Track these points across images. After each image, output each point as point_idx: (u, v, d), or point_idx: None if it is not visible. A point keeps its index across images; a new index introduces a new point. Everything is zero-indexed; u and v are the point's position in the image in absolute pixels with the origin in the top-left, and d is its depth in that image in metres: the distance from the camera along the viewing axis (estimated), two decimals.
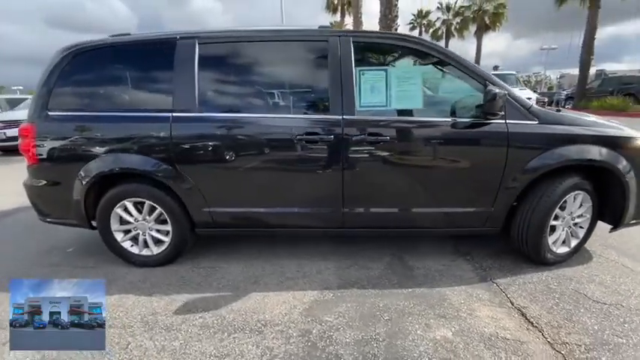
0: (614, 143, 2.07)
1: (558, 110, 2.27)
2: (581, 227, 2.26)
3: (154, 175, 2.15)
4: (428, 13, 39.16)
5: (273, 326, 1.76)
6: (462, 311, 1.85)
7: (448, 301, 1.93)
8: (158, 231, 2.34)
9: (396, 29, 8.65)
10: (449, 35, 33.48)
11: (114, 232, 2.32)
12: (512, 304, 1.90)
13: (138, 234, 2.35)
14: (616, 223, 2.22)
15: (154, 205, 2.24)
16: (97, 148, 2.15)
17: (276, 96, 2.26)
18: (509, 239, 2.29)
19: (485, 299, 1.95)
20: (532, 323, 1.73)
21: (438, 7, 33.47)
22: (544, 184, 2.07)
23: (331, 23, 36.50)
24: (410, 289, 2.06)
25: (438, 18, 34.90)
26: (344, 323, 1.77)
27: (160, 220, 2.33)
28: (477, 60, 28.78)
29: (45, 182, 2.29)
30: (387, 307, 1.89)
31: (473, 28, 27.94)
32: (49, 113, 2.19)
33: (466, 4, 27.18)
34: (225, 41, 2.16)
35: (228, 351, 1.60)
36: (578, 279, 2.11)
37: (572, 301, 1.90)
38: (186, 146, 2.11)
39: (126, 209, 2.28)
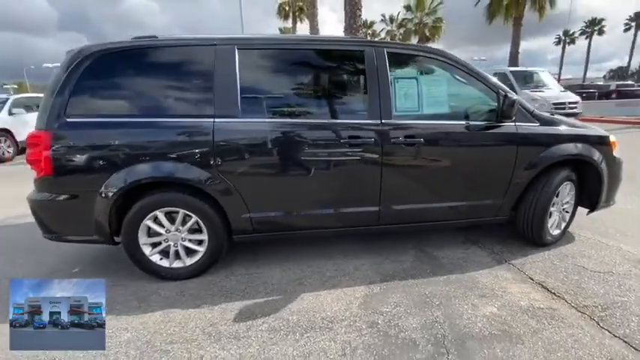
0: (593, 141, 2.53)
1: (552, 114, 2.69)
2: (567, 212, 2.70)
3: (196, 182, 2.08)
4: (372, 23, 41.42)
5: (339, 322, 1.84)
6: (495, 290, 2.11)
7: (481, 283, 2.19)
8: (191, 241, 2.26)
9: (361, 33, 9.10)
10: None
11: (142, 246, 2.18)
12: (533, 279, 2.22)
13: (169, 246, 2.23)
14: (592, 207, 2.70)
15: (189, 214, 2.16)
16: (127, 156, 2.02)
17: (315, 101, 2.33)
18: (514, 226, 2.64)
19: (510, 278, 2.24)
20: (554, 293, 2.05)
21: (381, 19, 35.68)
22: (544, 177, 2.44)
23: (281, 29, 36.71)
24: (445, 276, 2.28)
25: (383, 29, 37.16)
26: (402, 311, 1.92)
27: (193, 230, 2.24)
28: None
29: (59, 196, 2.07)
30: (433, 294, 2.08)
31: (415, 39, 30.23)
32: (67, 120, 2.00)
33: (409, 16, 29.29)
34: (265, 48, 2.19)
35: (309, 350, 1.64)
36: (572, 255, 2.52)
37: (575, 273, 2.27)
38: (230, 152, 2.08)
39: (155, 220, 2.16)
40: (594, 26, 51.68)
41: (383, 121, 2.18)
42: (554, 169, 2.45)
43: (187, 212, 2.16)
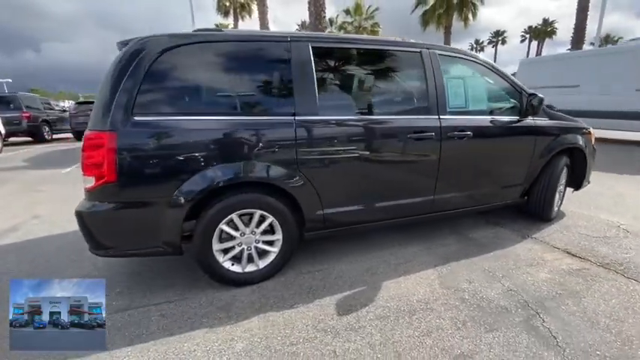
0: (581, 132, 3.09)
1: (556, 110, 3.20)
2: (561, 192, 3.26)
3: (278, 182, 2.03)
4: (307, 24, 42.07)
5: (434, 302, 1.99)
6: (536, 259, 2.48)
7: (522, 255, 2.54)
8: (264, 242, 2.19)
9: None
10: None
11: (215, 253, 2.05)
12: (558, 248, 2.65)
13: (242, 250, 2.13)
14: (578, 186, 3.30)
15: (265, 214, 2.10)
16: (204, 158, 1.89)
17: (381, 98, 2.43)
18: (527, 206, 3.09)
19: (539, 249, 2.65)
20: (580, 257, 2.50)
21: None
22: (553, 163, 2.92)
23: (217, 25, 35.11)
24: (491, 253, 2.59)
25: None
26: (478, 286, 2.15)
27: (264, 231, 2.18)
28: None
29: (123, 205, 1.84)
30: (493, 268, 2.36)
31: None
32: (135, 119, 1.79)
33: (348, 20, 30.48)
34: (335, 46, 2.21)
35: (427, 328, 1.76)
36: (572, 226, 3.06)
37: (583, 240, 2.78)
38: (310, 150, 2.08)
39: (229, 224, 2.05)
40: (498, 36, 60.24)
41: (440, 117, 2.39)
42: (558, 156, 2.95)
43: (264, 213, 2.09)
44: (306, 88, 2.06)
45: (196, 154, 1.88)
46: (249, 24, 28.87)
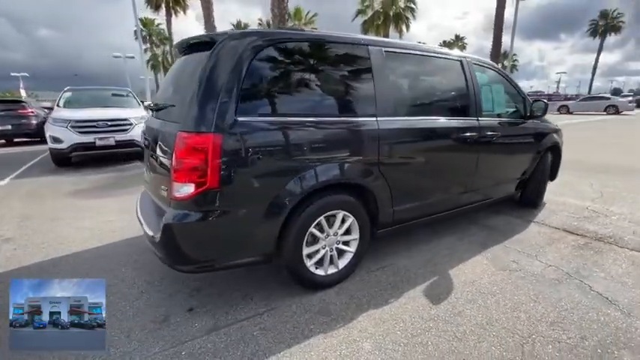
0: (557, 131, 3.74)
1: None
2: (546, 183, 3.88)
3: (364, 182, 2.07)
4: (247, 26, 41.30)
5: (501, 282, 2.25)
6: (549, 239, 2.93)
7: (536, 237, 2.98)
8: (343, 243, 2.20)
9: None
10: None
11: (304, 257, 2.00)
12: (558, 228, 3.18)
13: (325, 252, 2.11)
14: (553, 178, 3.98)
15: (347, 214, 2.12)
16: (304, 159, 1.84)
17: (438, 102, 2.61)
18: (522, 195, 3.61)
19: (545, 231, 3.14)
20: (578, 234, 3.04)
21: (259, 24, 35.96)
22: (543, 158, 3.48)
23: (141, 20, 32.12)
24: (514, 237, 2.98)
25: None
26: (524, 264, 2.48)
27: (344, 232, 2.19)
28: None
29: (222, 213, 1.69)
30: (523, 249, 2.74)
31: None
32: (239, 119, 1.66)
33: (288, 24, 30.72)
34: (403, 52, 2.32)
35: (512, 305, 2.00)
36: (557, 210, 3.67)
37: (572, 221, 3.37)
38: (389, 149, 2.16)
39: (316, 227, 2.02)
40: (459, 41, 66.27)
41: (479, 119, 2.69)
42: (546, 152, 3.53)
43: (345, 213, 2.11)
44: (383, 90, 2.14)
45: (297, 156, 1.83)
46: (184, 21, 26.97)
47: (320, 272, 2.11)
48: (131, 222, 3.38)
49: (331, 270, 2.17)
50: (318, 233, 2.03)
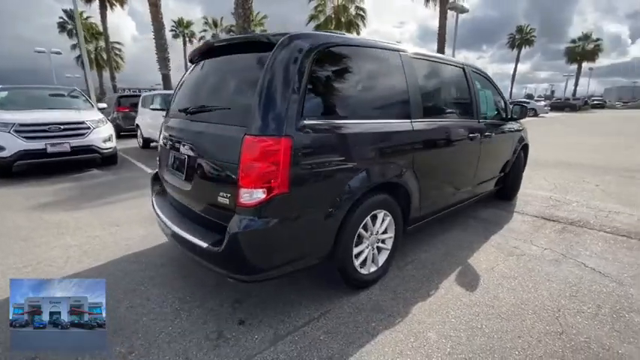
0: (524, 130, 4.25)
1: None
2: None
3: (403, 181, 2.16)
4: (190, 23, 39.29)
5: (515, 267, 2.52)
6: (534, 226, 3.35)
7: (524, 225, 3.38)
8: (381, 241, 2.27)
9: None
10: None
11: (353, 258, 2.04)
12: (537, 217, 3.63)
13: (368, 251, 2.16)
14: (522, 171, 4.51)
15: (386, 213, 2.20)
16: (360, 161, 1.89)
17: (452, 105, 2.82)
18: (501, 190, 4.04)
19: (528, 219, 3.56)
20: (554, 221, 3.51)
21: (204, 22, 34.52)
22: (519, 155, 3.94)
23: (66, 12, 28.71)
24: (505, 227, 3.33)
25: (206, 31, 36.01)
26: (525, 249, 2.80)
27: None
28: None
29: (289, 218, 1.66)
30: (518, 236, 3.08)
31: None
32: (305, 122, 1.64)
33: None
34: (424, 58, 2.47)
35: (533, 285, 2.26)
36: (529, 202, 4.17)
37: (544, 209, 3.87)
38: (421, 151, 2.29)
39: (364, 226, 2.07)
40: None
41: (479, 120, 2.97)
42: (520, 150, 4.00)
43: (386, 212, 2.19)
44: (416, 94, 2.27)
45: (354, 157, 1.86)
46: (110, 15, 24.34)
47: (364, 271, 2.16)
48: (123, 236, 3.07)
49: (372, 268, 2.23)
50: (364, 233, 2.08)
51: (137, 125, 9.13)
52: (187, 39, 39.17)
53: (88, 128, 5.71)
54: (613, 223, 3.40)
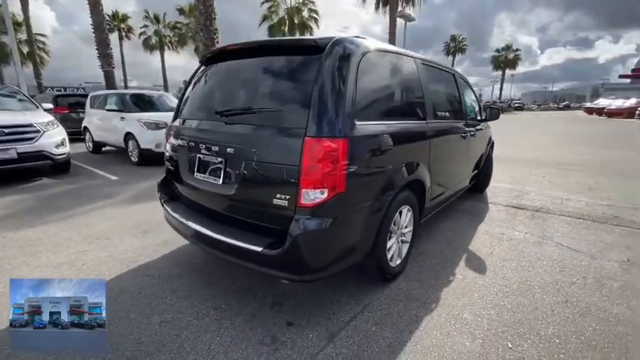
0: (490, 130, 4.78)
1: None
2: None
3: (424, 178, 2.34)
4: (126, 17, 36.17)
5: (508, 250, 2.86)
6: (509, 214, 3.80)
7: (501, 214, 3.82)
8: (403, 235, 2.42)
9: (217, 41, 8.76)
10: (163, 47, 33.17)
11: (386, 252, 2.16)
12: (509, 206, 4.11)
13: (395, 245, 2.30)
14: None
15: (409, 208, 2.36)
16: (397, 159, 2.06)
17: (449, 107, 3.06)
18: (475, 184, 4.50)
19: (502, 209, 4.02)
20: (523, 209, 4.01)
21: (145, 16, 31.99)
22: (490, 152, 4.42)
23: None
24: (487, 217, 3.73)
25: (147, 26, 33.44)
26: (510, 235, 3.19)
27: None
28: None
29: (344, 217, 1.72)
30: (500, 224, 3.48)
31: (192, 45, 29.63)
32: (357, 123, 1.71)
33: (183, 20, 28.25)
34: (429, 65, 2.67)
35: (529, 263, 2.59)
36: (497, 193, 4.69)
37: (511, 199, 4.39)
38: (434, 148, 2.49)
39: (394, 222, 2.20)
40: None
41: (467, 121, 3.30)
42: (491, 147, 4.49)
43: (408, 207, 2.35)
44: (428, 97, 2.47)
45: (394, 156, 2.00)
46: (38, 6, 21.37)
47: (392, 264, 2.29)
48: (118, 249, 2.82)
49: (398, 261, 2.36)
50: (393, 227, 2.21)
51: (85, 128, 8.20)
52: (124, 34, 36.02)
53: (38, 132, 5.02)
54: (567, 208, 4.01)
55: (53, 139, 5.23)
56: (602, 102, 30.28)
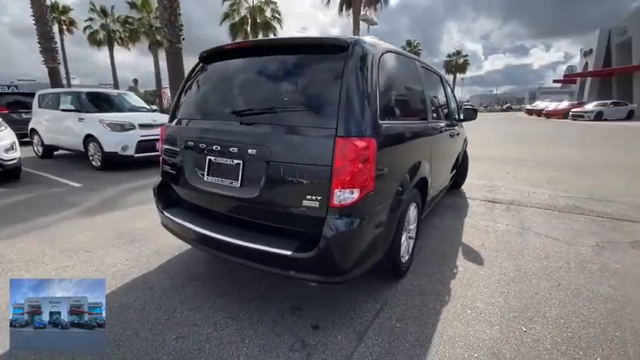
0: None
1: None
2: None
3: (428, 176, 2.43)
4: (68, 9, 33.06)
5: (497, 240, 3.07)
6: (488, 209, 4.08)
7: (481, 208, 4.08)
8: (409, 231, 2.49)
9: (183, 38, 8.33)
10: (112, 42, 30.78)
11: (401, 249, 2.21)
12: (486, 200, 4.41)
13: (405, 242, 2.36)
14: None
15: (415, 206, 2.44)
16: (413, 157, 2.12)
17: (437, 108, 3.18)
18: (454, 182, 4.76)
19: (480, 203, 4.31)
20: (498, 202, 4.32)
21: (91, 9, 29.35)
22: (466, 149, 4.71)
23: None
24: (469, 211, 3.98)
25: (92, 19, 30.75)
26: (493, 226, 3.42)
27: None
28: (156, 73, 29.27)
29: (374, 215, 1.75)
30: (484, 217, 3.73)
31: (146, 42, 27.81)
32: (381, 122, 1.74)
33: (135, 15, 26.41)
34: (426, 68, 2.77)
35: (518, 249, 2.80)
36: (472, 189, 5.00)
37: (486, 194, 4.71)
38: (434, 145, 2.61)
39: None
40: None
41: (452, 121, 3.49)
42: (466, 145, 4.78)
43: (415, 204, 2.43)
44: (429, 98, 2.58)
45: (411, 155, 2.07)
46: None
47: (403, 260, 2.35)
48: (106, 262, 2.58)
49: (406, 257, 2.43)
50: (405, 224, 2.27)
51: (32, 130, 7.35)
52: (65, 27, 32.84)
53: None
54: (535, 200, 4.40)
55: (2, 142, 4.63)
56: (540, 104, 33.61)
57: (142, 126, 6.06)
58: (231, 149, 1.81)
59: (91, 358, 1.61)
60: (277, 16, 22.53)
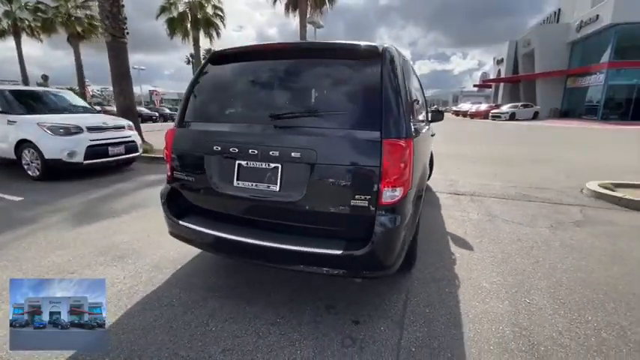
0: None
1: None
2: None
3: (426, 170, 2.65)
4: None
5: (481, 234, 3.46)
6: (456, 201, 4.54)
7: (448, 201, 4.53)
8: None
9: (128, 32, 7.54)
10: (19, 33, 26.33)
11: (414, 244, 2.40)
12: (450, 193, 4.89)
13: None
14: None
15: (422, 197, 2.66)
16: (424, 156, 2.30)
17: (424, 107, 3.42)
18: None
19: (448, 196, 4.77)
20: (462, 194, 4.84)
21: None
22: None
23: None
24: (441, 204, 4.38)
25: None
26: (468, 217, 3.85)
27: None
28: (77, 68, 25.84)
29: (410, 211, 1.89)
30: (461, 209, 4.15)
31: (64, 32, 24.29)
32: (411, 123, 1.89)
33: (52, 3, 22.94)
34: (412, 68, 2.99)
35: (510, 238, 3.21)
36: (436, 183, 5.49)
37: (448, 187, 5.22)
38: (427, 145, 2.85)
39: None
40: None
41: (429, 122, 3.83)
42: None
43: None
44: (422, 98, 2.81)
45: (425, 152, 2.23)
46: None
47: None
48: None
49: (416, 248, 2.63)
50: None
51: None
52: None
53: None
54: (491, 191, 5.01)
55: None
56: (464, 106, 37.68)
57: (91, 129, 5.40)
58: (272, 152, 1.78)
59: None
60: (219, 13, 21.63)
